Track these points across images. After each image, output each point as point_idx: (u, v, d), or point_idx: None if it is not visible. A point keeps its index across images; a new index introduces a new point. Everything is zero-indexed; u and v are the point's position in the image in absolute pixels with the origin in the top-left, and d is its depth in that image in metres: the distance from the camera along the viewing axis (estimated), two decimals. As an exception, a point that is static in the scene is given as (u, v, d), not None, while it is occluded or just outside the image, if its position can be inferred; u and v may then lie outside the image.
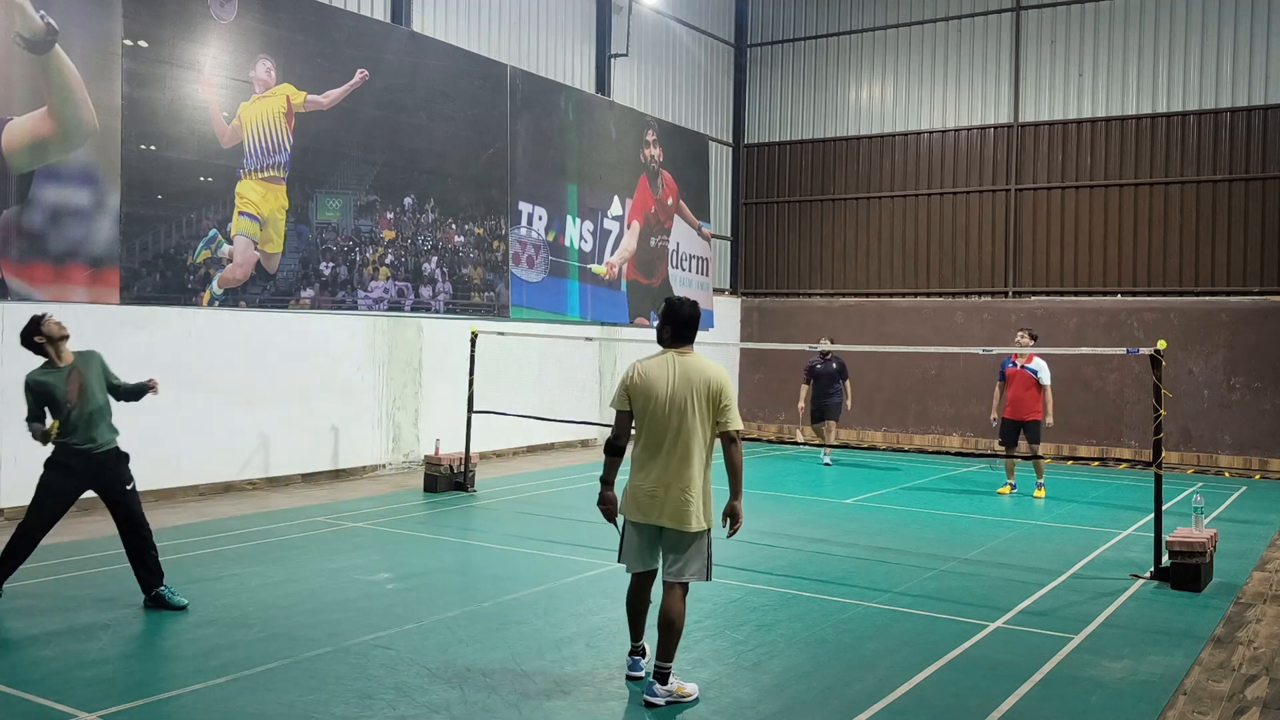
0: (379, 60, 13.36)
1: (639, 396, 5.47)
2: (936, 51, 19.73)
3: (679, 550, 5.47)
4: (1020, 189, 18.87)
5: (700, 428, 5.40)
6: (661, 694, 5.42)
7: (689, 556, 5.46)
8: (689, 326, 5.57)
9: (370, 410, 13.68)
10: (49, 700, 5.29)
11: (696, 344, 5.73)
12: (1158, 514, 8.55)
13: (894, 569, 8.73)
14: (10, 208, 9.78)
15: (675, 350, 5.55)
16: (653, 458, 5.43)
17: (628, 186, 18.11)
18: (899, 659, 6.26)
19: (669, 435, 5.40)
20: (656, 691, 5.42)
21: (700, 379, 5.43)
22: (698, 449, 5.41)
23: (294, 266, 12.30)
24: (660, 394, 5.41)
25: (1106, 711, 5.45)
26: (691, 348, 5.59)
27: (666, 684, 5.43)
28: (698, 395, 5.41)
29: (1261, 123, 17.01)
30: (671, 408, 5.39)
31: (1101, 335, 17.66)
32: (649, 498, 5.42)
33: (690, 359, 5.52)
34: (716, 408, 5.43)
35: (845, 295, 20.47)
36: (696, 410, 5.40)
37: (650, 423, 5.44)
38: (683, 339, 5.57)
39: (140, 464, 11.06)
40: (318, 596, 7.41)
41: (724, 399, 5.43)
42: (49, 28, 9.99)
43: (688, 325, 5.57)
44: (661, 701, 5.40)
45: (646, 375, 5.48)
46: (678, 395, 5.40)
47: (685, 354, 5.54)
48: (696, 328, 5.60)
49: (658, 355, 5.59)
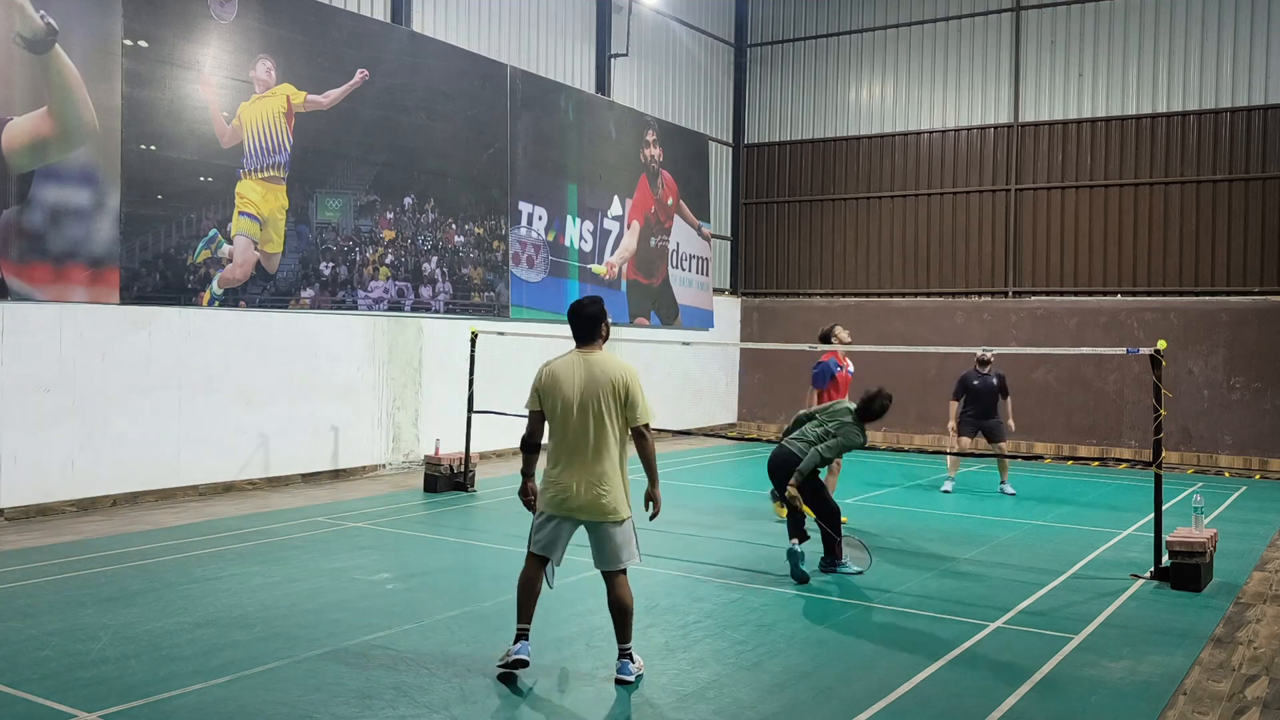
0: (379, 60, 13.36)
1: (548, 397, 5.63)
2: (936, 51, 19.74)
3: (607, 541, 5.67)
4: (1020, 189, 18.87)
5: (610, 424, 5.57)
6: (633, 670, 5.70)
7: (618, 544, 5.67)
8: (591, 326, 5.70)
9: (370, 410, 13.68)
10: (49, 700, 5.29)
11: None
12: (1158, 514, 8.55)
13: (894, 569, 8.73)
14: (10, 208, 9.78)
15: (582, 350, 5.70)
16: (566, 455, 5.61)
17: (628, 186, 18.11)
18: (899, 659, 6.26)
19: (580, 433, 5.57)
20: (630, 670, 5.69)
21: (606, 377, 5.59)
22: (608, 444, 5.57)
23: (294, 266, 12.29)
24: (568, 394, 5.58)
25: (1106, 711, 5.45)
26: (599, 346, 5.73)
27: (634, 661, 5.74)
28: (604, 393, 5.57)
29: (1261, 123, 17.02)
30: (580, 406, 5.56)
31: (1101, 335, 17.65)
32: (563, 493, 5.61)
33: (596, 357, 5.67)
34: (625, 404, 5.59)
35: (845, 295, 20.47)
36: (605, 408, 5.55)
37: (561, 421, 5.60)
38: (587, 339, 5.70)
39: (140, 464, 11.13)
40: (318, 596, 7.41)
41: (631, 395, 5.59)
42: (49, 28, 9.98)
43: (589, 324, 5.70)
44: (633, 677, 5.68)
45: (554, 376, 5.64)
46: (585, 394, 5.56)
47: (592, 353, 5.69)
48: (599, 326, 5.71)
49: (565, 355, 5.75)
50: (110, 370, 10.77)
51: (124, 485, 10.92)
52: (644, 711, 5.34)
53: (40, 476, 10.19)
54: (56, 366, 10.33)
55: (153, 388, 11.17)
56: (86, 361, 10.58)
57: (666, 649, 6.35)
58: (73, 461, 10.46)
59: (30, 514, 10.08)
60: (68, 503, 10.41)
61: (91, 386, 10.61)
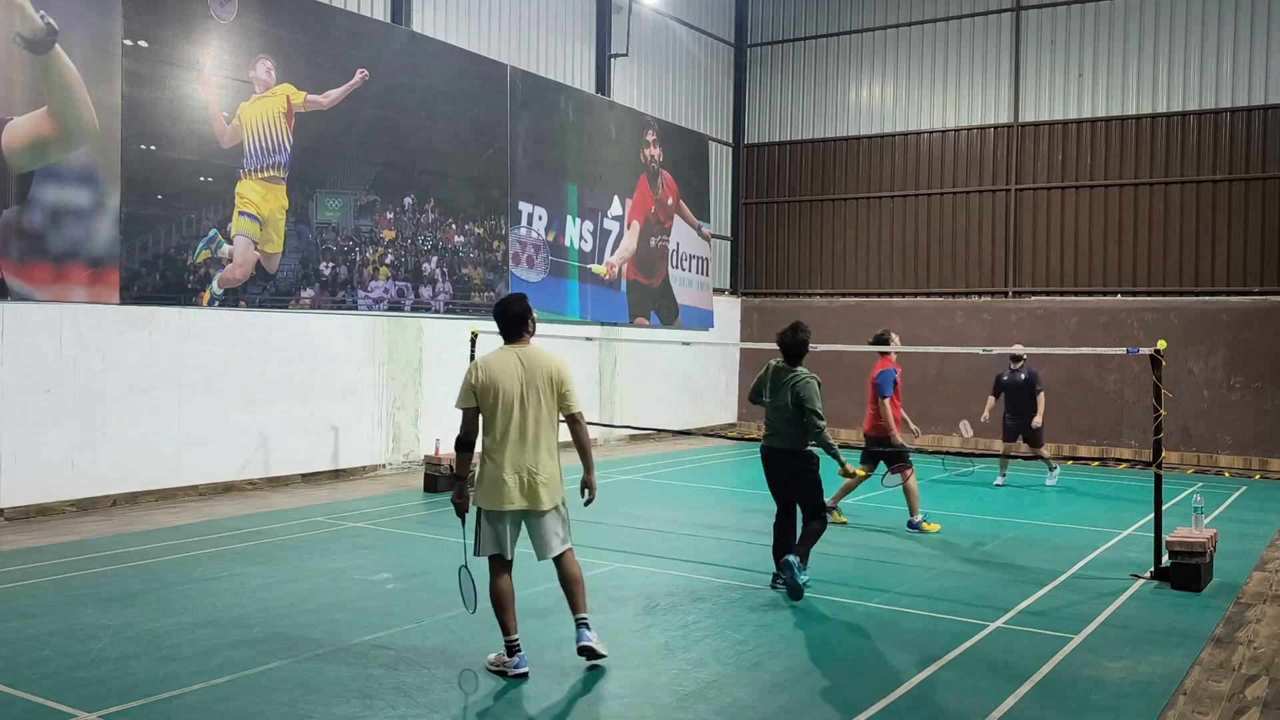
0: (379, 60, 13.36)
1: (487, 392, 5.74)
2: (936, 51, 19.73)
3: (548, 528, 5.84)
4: (1020, 189, 18.87)
5: (548, 414, 5.80)
6: (594, 636, 5.89)
7: (559, 529, 5.88)
8: (518, 323, 5.88)
9: (370, 410, 13.68)
10: (49, 700, 5.28)
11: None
12: (1158, 514, 8.55)
13: (894, 569, 8.72)
14: (10, 208, 9.78)
15: (513, 345, 5.88)
16: (508, 447, 5.73)
17: (628, 186, 18.11)
18: (899, 659, 6.26)
19: (523, 424, 5.73)
20: (590, 637, 5.88)
21: (543, 369, 5.80)
22: (546, 434, 5.79)
23: (294, 266, 12.29)
24: (508, 388, 5.73)
25: (1106, 711, 5.45)
26: (528, 340, 5.90)
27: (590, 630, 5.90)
28: (542, 384, 5.78)
29: (1261, 123, 17.01)
30: (521, 398, 5.73)
31: (1101, 335, 17.65)
32: (505, 486, 5.71)
33: (529, 351, 5.85)
34: (559, 394, 5.82)
35: (845, 295, 20.47)
36: (542, 398, 5.77)
37: (502, 415, 5.73)
38: (515, 334, 5.89)
39: (140, 464, 11.13)
40: (318, 596, 7.41)
41: (565, 385, 5.83)
42: (49, 28, 9.99)
43: (516, 321, 5.88)
44: (595, 641, 5.87)
45: (490, 372, 5.76)
46: (526, 386, 5.75)
47: (523, 347, 5.87)
48: (525, 323, 5.89)
49: (497, 351, 5.87)
50: (110, 370, 10.77)
51: (124, 485, 10.92)
52: (644, 711, 5.33)
53: (40, 476, 10.20)
54: (56, 366, 10.33)
55: (153, 388, 11.17)
56: (86, 361, 10.58)
57: (666, 649, 6.35)
58: (73, 461, 10.47)
59: (30, 514, 10.08)
60: (68, 503, 10.41)
61: (91, 386, 10.61)
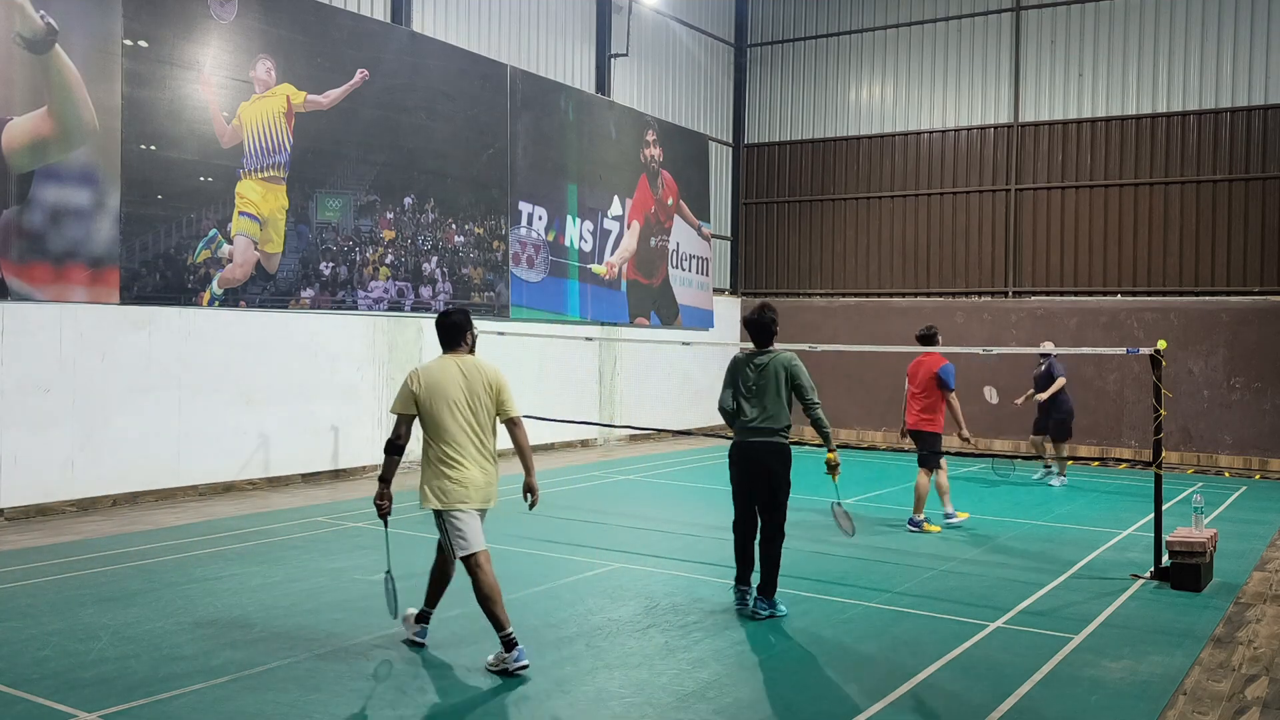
0: (379, 60, 13.36)
1: (429, 400, 5.95)
2: (936, 51, 19.73)
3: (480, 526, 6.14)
4: (1020, 189, 18.87)
5: (488, 419, 6.06)
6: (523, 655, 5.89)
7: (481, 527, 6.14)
8: (456, 333, 6.12)
9: (370, 410, 13.68)
10: (49, 700, 5.28)
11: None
12: (1158, 514, 8.55)
13: (894, 569, 8.73)
14: (10, 208, 9.78)
15: (451, 354, 6.10)
16: (466, 452, 5.97)
17: (628, 186, 18.11)
18: (899, 659, 6.26)
19: (469, 429, 5.97)
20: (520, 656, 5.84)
21: (480, 377, 6.04)
22: (490, 438, 6.08)
23: (294, 266, 12.30)
24: (454, 394, 5.96)
25: (1106, 711, 5.45)
26: (466, 350, 6.16)
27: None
28: (481, 391, 6.02)
29: (1261, 123, 17.02)
30: (466, 405, 5.97)
31: (1101, 335, 17.66)
32: (472, 485, 5.97)
33: (467, 360, 6.10)
34: (497, 400, 6.07)
35: (845, 295, 20.47)
36: (482, 404, 6.02)
37: (450, 422, 5.94)
38: (453, 344, 6.12)
39: (140, 464, 11.13)
40: (318, 596, 7.41)
41: (503, 392, 6.09)
42: (49, 28, 9.99)
43: (454, 331, 6.11)
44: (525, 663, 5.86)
45: (433, 380, 5.97)
46: (469, 393, 5.99)
47: (461, 356, 6.11)
48: (464, 334, 6.14)
49: (437, 360, 6.09)
50: (110, 370, 10.77)
51: (124, 485, 10.92)
52: (644, 711, 5.33)
53: (40, 476, 10.19)
54: (56, 366, 10.33)
55: (153, 388, 11.17)
56: (86, 361, 10.57)
57: (666, 649, 6.35)
58: (73, 461, 10.47)
59: (30, 514, 10.09)
60: (68, 503, 10.41)
61: (91, 386, 10.61)
